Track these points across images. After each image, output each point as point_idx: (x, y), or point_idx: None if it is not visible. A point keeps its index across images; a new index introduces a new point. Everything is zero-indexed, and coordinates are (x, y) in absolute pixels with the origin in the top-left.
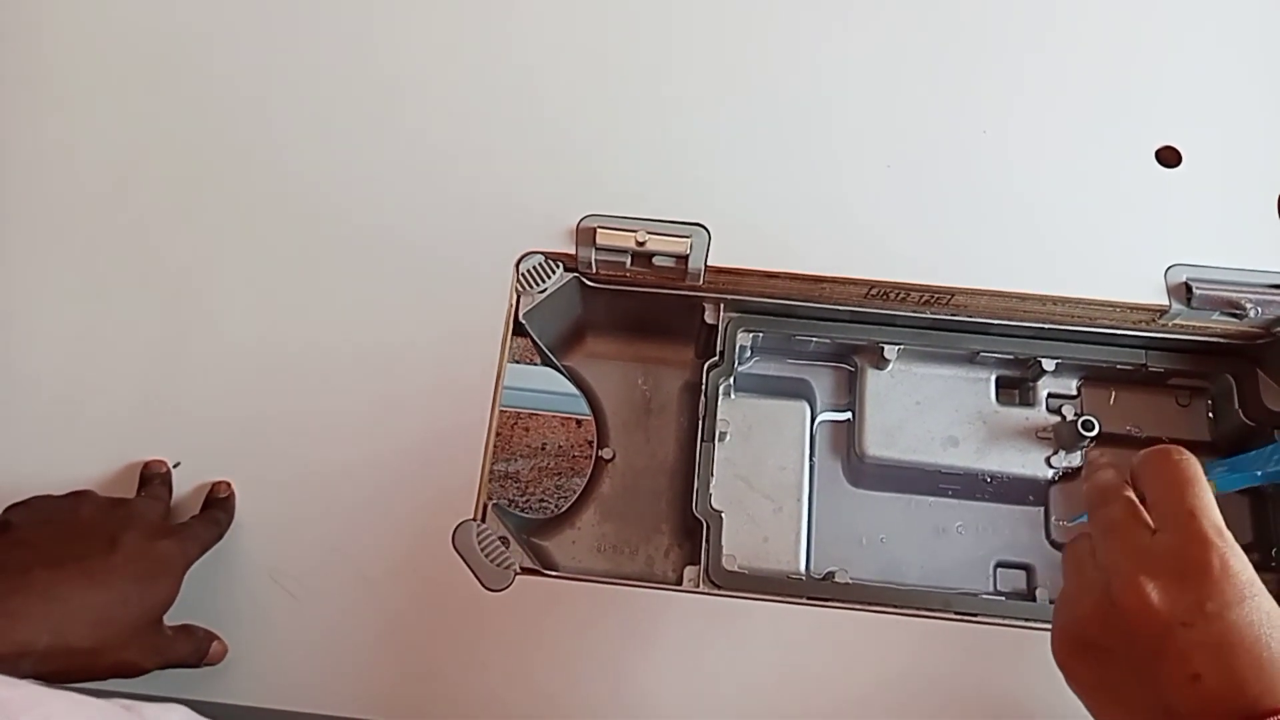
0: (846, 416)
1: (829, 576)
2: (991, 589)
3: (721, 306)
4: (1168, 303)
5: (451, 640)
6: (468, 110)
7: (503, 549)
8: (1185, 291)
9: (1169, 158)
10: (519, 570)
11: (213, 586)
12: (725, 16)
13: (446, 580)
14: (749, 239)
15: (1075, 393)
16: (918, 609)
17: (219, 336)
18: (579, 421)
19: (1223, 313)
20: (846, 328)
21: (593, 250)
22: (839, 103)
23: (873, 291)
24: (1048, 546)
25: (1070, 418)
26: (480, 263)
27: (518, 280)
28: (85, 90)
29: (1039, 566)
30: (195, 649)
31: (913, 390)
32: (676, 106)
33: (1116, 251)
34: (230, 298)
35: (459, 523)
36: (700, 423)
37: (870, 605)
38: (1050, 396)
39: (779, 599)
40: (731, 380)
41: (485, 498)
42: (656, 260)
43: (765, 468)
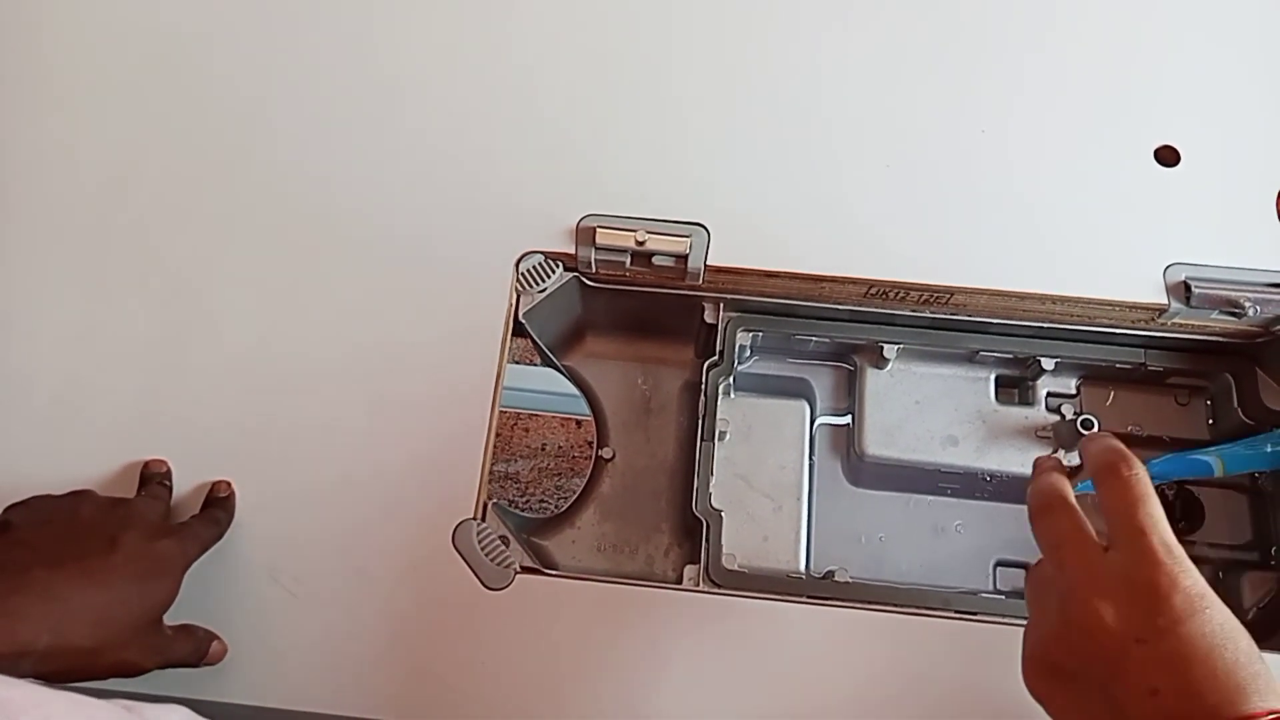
0: (846, 420)
1: (829, 575)
2: (991, 588)
3: (721, 306)
4: (1167, 302)
5: (452, 639)
6: (468, 110)
7: (503, 548)
8: (1184, 290)
9: (1168, 157)
10: (519, 569)
11: (213, 586)
12: (725, 17)
13: (447, 579)
14: (749, 239)
15: (1074, 392)
16: (917, 608)
17: (218, 336)
18: (579, 422)
19: (1222, 312)
20: (846, 327)
21: (592, 250)
22: (838, 103)
23: (872, 291)
24: None
25: (1070, 417)
26: (480, 262)
27: (517, 280)
28: (85, 90)
29: None
30: (195, 649)
31: (912, 389)
32: (676, 106)
33: (1115, 251)
34: (230, 297)
35: (459, 522)
36: (700, 422)
37: (870, 604)
38: (1049, 395)
39: (779, 598)
40: (731, 380)
41: (485, 497)
42: (656, 260)
43: (765, 467)
